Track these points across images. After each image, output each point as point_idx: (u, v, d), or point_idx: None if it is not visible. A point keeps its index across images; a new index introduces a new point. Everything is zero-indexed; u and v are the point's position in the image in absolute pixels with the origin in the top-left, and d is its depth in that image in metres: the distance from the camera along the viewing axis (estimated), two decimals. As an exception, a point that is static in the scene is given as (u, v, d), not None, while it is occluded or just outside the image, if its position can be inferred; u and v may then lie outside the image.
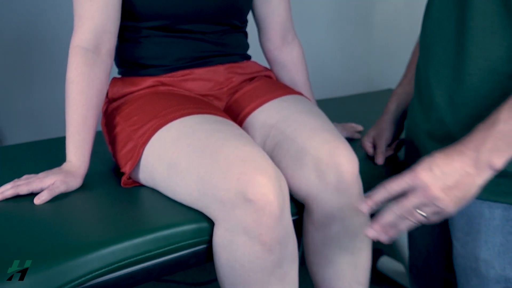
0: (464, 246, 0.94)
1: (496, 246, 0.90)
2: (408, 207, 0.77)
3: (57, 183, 0.93)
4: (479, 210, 0.91)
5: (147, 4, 1.02)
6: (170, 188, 0.94)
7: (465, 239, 0.94)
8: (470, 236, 0.93)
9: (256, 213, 0.83)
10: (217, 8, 1.07)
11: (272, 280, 0.86)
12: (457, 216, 0.95)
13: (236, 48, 1.15)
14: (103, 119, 1.12)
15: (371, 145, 1.18)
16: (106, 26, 1.00)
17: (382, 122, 1.18)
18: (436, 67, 0.93)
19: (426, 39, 0.99)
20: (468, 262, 0.94)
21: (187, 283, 1.81)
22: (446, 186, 0.76)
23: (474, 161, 0.76)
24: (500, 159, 0.76)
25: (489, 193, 0.89)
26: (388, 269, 1.81)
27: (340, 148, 0.95)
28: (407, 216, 0.78)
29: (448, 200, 0.76)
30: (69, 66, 0.98)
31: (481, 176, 0.77)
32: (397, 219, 0.78)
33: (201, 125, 0.94)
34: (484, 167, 0.76)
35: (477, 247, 0.92)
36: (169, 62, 1.08)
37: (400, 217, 0.78)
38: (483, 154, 0.76)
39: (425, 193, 0.76)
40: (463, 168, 0.76)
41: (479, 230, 0.91)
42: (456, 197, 0.76)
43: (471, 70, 0.85)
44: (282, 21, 1.22)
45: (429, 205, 0.76)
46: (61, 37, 1.89)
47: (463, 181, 0.76)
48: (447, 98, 0.90)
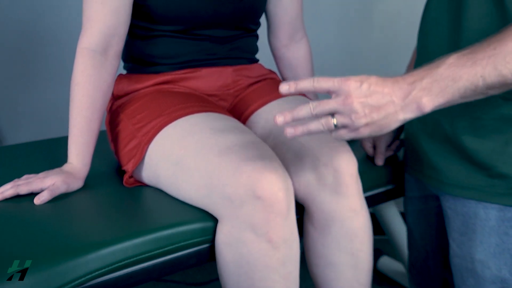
0: (460, 246, 0.95)
1: (492, 246, 0.90)
2: (325, 107, 0.74)
3: (58, 184, 0.93)
4: (474, 210, 0.91)
5: (166, 9, 1.02)
6: (175, 185, 0.94)
7: (461, 240, 0.94)
8: (465, 236, 0.93)
9: (264, 210, 0.83)
10: (234, 13, 1.07)
11: (276, 278, 0.86)
12: (453, 216, 0.96)
13: (246, 52, 1.15)
14: (108, 116, 1.12)
15: (371, 145, 1.18)
16: (116, 30, 0.99)
17: None
18: None
19: (423, 38, 0.99)
20: (464, 262, 0.94)
21: (187, 283, 1.81)
22: (367, 103, 0.73)
23: (404, 93, 0.74)
24: (430, 102, 0.74)
25: (484, 194, 0.89)
26: (388, 269, 1.81)
27: (339, 149, 0.95)
28: (320, 117, 0.75)
29: (363, 118, 0.73)
30: (76, 68, 0.98)
31: (405, 112, 0.74)
32: (310, 116, 0.76)
33: (208, 123, 0.94)
34: (411, 103, 0.74)
35: (473, 248, 0.92)
36: (178, 61, 1.08)
37: (313, 116, 0.75)
38: (415, 91, 0.74)
39: (345, 100, 0.73)
40: (390, 95, 0.73)
41: (474, 230, 0.91)
42: (372, 119, 0.74)
43: None
44: (292, 20, 1.21)
45: (344, 114, 0.74)
46: (61, 37, 1.89)
47: (385, 107, 0.73)
48: None
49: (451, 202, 0.96)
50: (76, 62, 0.98)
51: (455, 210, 0.95)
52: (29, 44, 1.93)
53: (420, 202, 1.09)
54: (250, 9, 1.10)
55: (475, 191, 0.91)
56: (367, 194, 1.08)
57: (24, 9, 1.89)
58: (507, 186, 0.88)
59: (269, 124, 1.05)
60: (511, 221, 0.88)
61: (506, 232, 0.89)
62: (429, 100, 0.74)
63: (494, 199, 0.89)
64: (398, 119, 0.75)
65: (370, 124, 0.74)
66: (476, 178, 0.91)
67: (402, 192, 1.20)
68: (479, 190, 0.90)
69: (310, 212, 0.98)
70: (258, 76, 1.17)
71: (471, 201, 0.91)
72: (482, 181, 0.90)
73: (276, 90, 1.12)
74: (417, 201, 1.10)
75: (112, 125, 1.08)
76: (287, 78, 1.26)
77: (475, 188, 0.91)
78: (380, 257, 1.84)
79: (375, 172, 1.13)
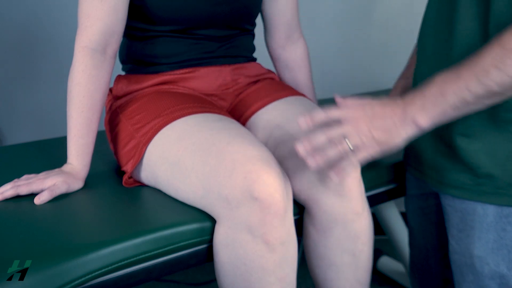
0: (459, 242, 0.96)
1: (490, 242, 0.91)
2: (338, 132, 0.84)
3: (58, 184, 0.93)
4: (472, 207, 0.92)
5: (164, 9, 1.02)
6: (173, 186, 0.94)
7: (459, 236, 0.95)
8: (464, 233, 0.94)
9: (261, 211, 0.83)
10: (230, 14, 1.07)
11: (272, 280, 0.86)
12: (452, 213, 0.96)
13: (243, 50, 1.15)
14: (107, 116, 1.12)
15: None
16: (115, 27, 0.99)
17: None
18: (430, 67, 0.94)
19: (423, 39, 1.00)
20: (463, 258, 0.95)
21: (187, 283, 1.81)
22: (372, 125, 0.84)
23: (402, 113, 0.84)
24: (424, 117, 0.83)
25: (481, 195, 0.90)
26: (388, 269, 1.81)
27: None
28: (335, 142, 0.84)
29: (371, 139, 0.84)
30: (76, 67, 0.96)
31: (406, 129, 0.84)
32: (326, 142, 0.85)
33: (206, 124, 0.94)
34: (409, 121, 0.83)
35: (471, 244, 0.93)
36: (176, 60, 1.08)
37: (329, 141, 0.85)
38: (410, 111, 0.83)
39: (354, 124, 0.84)
40: (391, 117, 0.84)
41: (473, 226, 0.92)
42: (380, 139, 0.84)
43: None
44: (288, 20, 1.21)
45: (355, 136, 0.84)
46: (62, 37, 1.89)
47: (388, 127, 0.84)
48: None
49: (450, 199, 0.97)
50: (75, 61, 0.97)
51: (454, 207, 0.96)
52: (29, 44, 1.93)
53: (420, 200, 1.09)
54: (246, 10, 1.10)
55: (465, 190, 0.93)
56: (368, 194, 1.08)
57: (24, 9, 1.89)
58: (494, 186, 0.89)
59: (270, 125, 1.04)
60: (509, 217, 0.89)
61: (504, 228, 0.90)
62: (423, 116, 0.83)
63: (492, 200, 0.90)
64: (401, 136, 0.84)
65: (379, 143, 0.84)
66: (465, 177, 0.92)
67: (403, 192, 1.20)
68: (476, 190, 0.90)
69: (311, 213, 0.98)
70: (257, 75, 1.17)
71: None
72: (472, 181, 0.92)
73: (276, 90, 1.12)
74: (418, 199, 1.10)
75: (111, 125, 1.08)
76: (285, 79, 1.26)
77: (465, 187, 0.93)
78: (380, 257, 1.84)
79: (375, 172, 1.13)
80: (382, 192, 1.17)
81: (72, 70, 0.97)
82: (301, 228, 1.02)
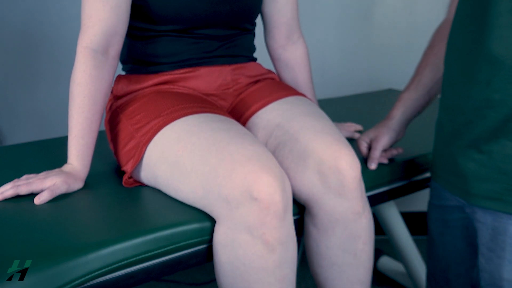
0: (489, 262, 0.92)
1: None
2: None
3: (58, 184, 0.93)
4: (504, 226, 0.87)
5: (165, 8, 1.02)
6: (173, 186, 0.94)
7: (489, 255, 0.91)
8: (494, 253, 0.90)
9: (261, 212, 0.83)
10: (231, 13, 1.07)
11: (272, 280, 0.86)
12: (482, 229, 0.92)
13: (243, 50, 1.16)
14: (107, 115, 1.11)
15: (366, 145, 1.15)
16: (117, 28, 0.99)
17: (384, 126, 1.15)
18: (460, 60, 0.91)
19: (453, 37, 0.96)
20: (492, 279, 0.91)
21: (187, 283, 1.81)
22: None
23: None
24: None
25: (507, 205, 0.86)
26: (388, 269, 1.81)
27: (343, 152, 0.95)
28: None
29: None
30: (78, 68, 0.97)
31: None
32: None
33: (206, 124, 0.94)
34: None
35: (501, 266, 0.89)
36: (177, 59, 1.08)
37: None
38: None
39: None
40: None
41: (503, 248, 0.88)
42: None
43: None
44: (288, 20, 1.22)
45: None
46: (62, 37, 1.90)
47: None
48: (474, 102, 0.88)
49: (480, 214, 0.92)
50: (77, 62, 0.97)
51: (485, 223, 0.91)
52: (29, 45, 1.93)
53: (446, 212, 1.03)
54: (246, 9, 1.10)
55: (497, 201, 0.87)
56: (368, 194, 1.08)
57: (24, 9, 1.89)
58: None
59: (270, 125, 1.04)
60: None
61: None
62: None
63: None
64: None
65: None
66: (497, 186, 0.87)
67: (403, 192, 1.20)
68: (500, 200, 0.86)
69: (312, 213, 0.98)
70: (257, 75, 1.17)
71: (501, 214, 0.87)
72: (504, 190, 0.86)
73: (276, 90, 1.12)
74: (442, 211, 1.04)
75: (112, 125, 1.08)
76: (285, 79, 1.26)
77: (496, 197, 0.87)
78: (380, 257, 1.84)
79: (376, 171, 1.13)
80: (383, 192, 1.17)
81: (74, 71, 0.97)
82: (301, 228, 1.02)
